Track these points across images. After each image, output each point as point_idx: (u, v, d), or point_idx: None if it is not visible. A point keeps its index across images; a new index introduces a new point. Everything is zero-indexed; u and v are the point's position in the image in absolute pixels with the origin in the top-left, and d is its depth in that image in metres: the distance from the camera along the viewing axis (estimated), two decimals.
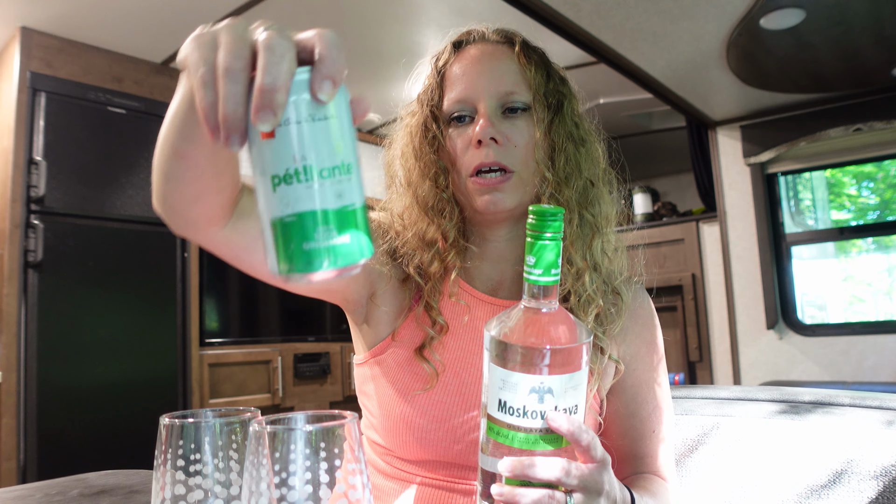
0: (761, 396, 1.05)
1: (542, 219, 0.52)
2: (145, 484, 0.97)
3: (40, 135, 2.56)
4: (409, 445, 0.77)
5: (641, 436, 0.83)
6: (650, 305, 0.91)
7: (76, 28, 2.65)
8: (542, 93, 0.80)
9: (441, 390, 0.77)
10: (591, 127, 0.87)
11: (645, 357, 0.85)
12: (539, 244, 0.53)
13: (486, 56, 0.81)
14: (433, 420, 0.75)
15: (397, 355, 0.80)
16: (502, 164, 0.77)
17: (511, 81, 0.80)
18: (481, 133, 0.77)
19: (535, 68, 0.81)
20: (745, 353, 3.47)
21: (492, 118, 0.78)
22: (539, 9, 2.21)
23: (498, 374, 0.52)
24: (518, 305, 0.55)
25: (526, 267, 0.54)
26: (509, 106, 0.79)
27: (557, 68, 0.86)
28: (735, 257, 3.53)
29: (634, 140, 4.58)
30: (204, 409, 0.53)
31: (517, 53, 0.82)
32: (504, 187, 0.78)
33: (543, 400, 0.51)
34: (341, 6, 2.61)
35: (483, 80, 0.79)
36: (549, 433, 0.52)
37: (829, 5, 2.30)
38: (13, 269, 2.47)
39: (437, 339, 0.79)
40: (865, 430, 0.89)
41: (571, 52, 2.64)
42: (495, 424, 0.53)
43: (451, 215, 0.82)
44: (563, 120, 0.81)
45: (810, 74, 2.96)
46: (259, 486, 0.42)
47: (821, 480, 0.88)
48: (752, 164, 3.47)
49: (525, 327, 0.53)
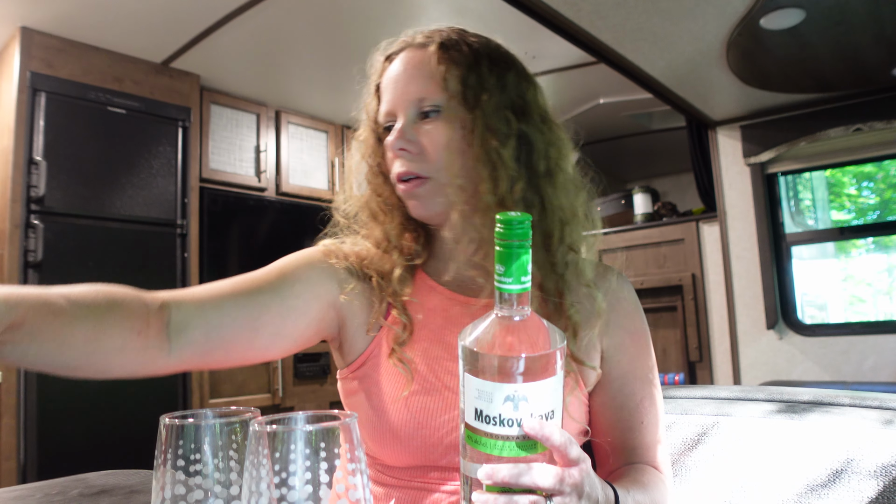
0: (760, 396, 1.05)
1: (508, 227, 0.52)
2: (145, 484, 0.97)
3: (40, 135, 2.56)
4: (396, 452, 0.77)
5: (631, 427, 0.82)
6: (632, 295, 0.88)
7: (76, 28, 2.65)
8: (459, 91, 0.77)
9: (419, 391, 0.77)
10: (540, 116, 0.82)
11: (630, 348, 0.84)
12: (507, 252, 0.52)
13: (405, 64, 0.81)
14: (416, 423, 0.75)
15: (376, 365, 0.81)
16: (414, 172, 0.79)
17: (422, 87, 0.79)
18: (390, 146, 0.80)
19: (452, 66, 0.78)
20: (745, 353, 3.47)
21: (406, 127, 0.79)
22: (539, 9, 2.21)
23: (473, 384, 0.53)
24: (491, 314, 0.55)
25: (496, 276, 0.53)
26: (423, 111, 0.79)
27: (498, 57, 0.82)
28: (735, 257, 3.53)
29: (634, 140, 4.58)
30: (204, 409, 0.53)
31: (431, 55, 0.80)
32: (419, 192, 0.79)
33: (518, 408, 0.51)
34: (341, 6, 2.61)
35: (399, 89, 0.80)
36: (526, 439, 0.52)
37: (829, 5, 2.30)
38: (13, 269, 2.47)
39: (405, 340, 0.80)
40: (864, 429, 0.89)
41: (571, 52, 2.64)
42: (473, 433, 0.53)
43: (392, 218, 0.85)
44: (484, 115, 0.77)
45: (810, 74, 2.96)
46: (259, 486, 0.42)
47: (820, 479, 0.88)
48: (752, 164, 3.47)
49: (498, 336, 0.53)
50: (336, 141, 3.93)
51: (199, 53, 2.94)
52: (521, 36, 2.86)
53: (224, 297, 0.75)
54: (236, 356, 0.76)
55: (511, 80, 0.80)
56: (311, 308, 0.80)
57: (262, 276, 0.80)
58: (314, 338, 0.83)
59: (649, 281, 3.78)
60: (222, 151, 3.33)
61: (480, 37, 0.84)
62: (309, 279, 0.81)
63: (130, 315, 0.68)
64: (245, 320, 0.75)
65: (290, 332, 0.79)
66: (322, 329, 0.83)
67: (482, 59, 0.80)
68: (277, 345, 0.79)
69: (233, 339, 0.74)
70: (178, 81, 3.05)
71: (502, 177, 0.76)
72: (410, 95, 0.79)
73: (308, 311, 0.80)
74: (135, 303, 0.69)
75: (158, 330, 0.69)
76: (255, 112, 3.50)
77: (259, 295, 0.77)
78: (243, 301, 0.76)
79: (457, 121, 0.78)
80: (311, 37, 2.87)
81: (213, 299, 0.75)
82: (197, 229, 3.09)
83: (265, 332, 0.76)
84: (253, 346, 0.76)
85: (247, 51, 2.98)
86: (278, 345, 0.79)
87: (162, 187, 2.94)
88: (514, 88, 0.80)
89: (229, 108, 3.39)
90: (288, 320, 0.78)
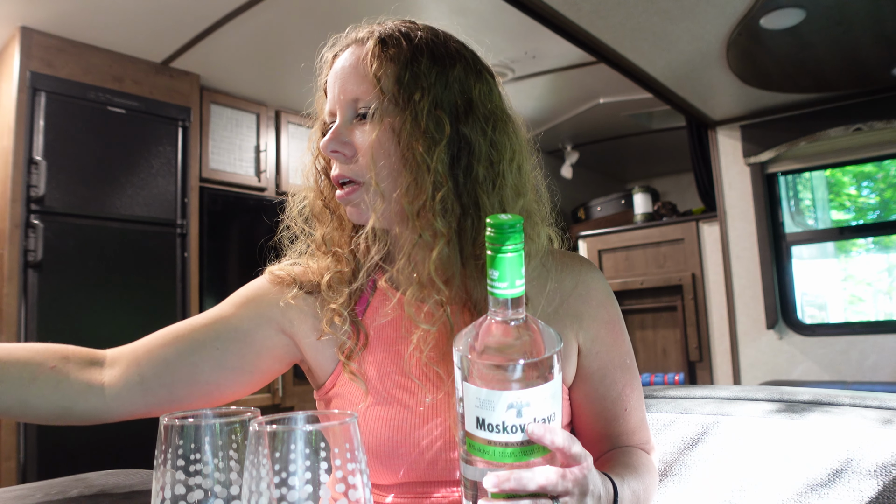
0: (760, 396, 1.05)
1: (500, 231, 0.51)
2: (145, 484, 0.97)
3: (40, 135, 2.56)
4: (379, 472, 0.75)
5: (616, 416, 0.82)
6: (602, 285, 0.84)
7: (76, 28, 2.65)
8: (392, 90, 0.73)
9: (381, 404, 0.75)
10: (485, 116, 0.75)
11: (606, 338, 0.82)
12: (500, 257, 0.51)
13: (345, 61, 0.77)
14: (392, 441, 0.74)
15: (345, 384, 0.80)
16: (348, 176, 0.76)
17: (356, 86, 0.75)
18: (323, 148, 0.77)
19: (387, 63, 0.74)
20: (745, 352, 3.47)
21: (340, 129, 0.76)
22: (539, 9, 2.21)
23: (472, 393, 0.52)
24: (485, 319, 0.54)
25: (490, 281, 0.52)
26: (359, 113, 0.75)
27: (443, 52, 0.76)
28: (735, 257, 3.53)
29: (634, 140, 4.58)
30: (204, 409, 0.53)
31: (367, 52, 0.75)
32: (353, 199, 0.76)
33: (522, 414, 0.51)
34: (341, 6, 2.61)
35: (338, 89, 0.77)
36: (529, 444, 0.52)
37: (829, 5, 2.29)
38: (13, 269, 2.47)
39: (354, 351, 0.78)
40: (864, 428, 0.89)
41: (571, 52, 2.64)
42: (475, 441, 0.52)
43: (331, 221, 0.83)
44: (414, 116, 0.72)
45: (810, 74, 2.96)
46: (259, 486, 0.42)
47: (819, 479, 0.88)
48: (752, 163, 3.47)
49: (496, 342, 0.52)
50: None
51: (199, 53, 2.94)
52: (521, 36, 2.86)
53: (157, 338, 0.79)
54: (184, 393, 0.78)
55: (455, 77, 0.74)
56: (254, 337, 0.80)
57: (200, 317, 0.82)
58: (274, 366, 0.83)
59: (649, 281, 3.78)
60: (222, 151, 3.33)
61: (430, 29, 0.79)
62: (249, 310, 0.81)
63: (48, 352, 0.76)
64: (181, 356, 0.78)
65: (235, 363, 0.79)
66: (280, 356, 0.82)
67: (421, 56, 0.74)
68: (228, 378, 0.79)
69: (172, 376, 0.77)
70: (178, 81, 3.05)
71: (425, 184, 0.71)
72: (346, 95, 0.76)
73: (252, 340, 0.80)
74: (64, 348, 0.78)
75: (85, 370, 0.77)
76: (254, 112, 3.50)
77: (193, 333, 0.79)
78: (177, 342, 0.79)
79: (386, 122, 0.73)
80: (311, 37, 2.85)
81: (146, 343, 0.79)
82: (197, 229, 3.09)
83: (205, 366, 0.78)
84: (197, 382, 0.78)
85: (247, 51, 2.97)
86: (229, 378, 0.79)
87: (162, 187, 2.94)
88: (458, 86, 0.74)
89: (229, 108, 3.38)
90: (228, 353, 0.79)
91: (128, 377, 0.77)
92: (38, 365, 0.74)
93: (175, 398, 0.78)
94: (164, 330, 0.80)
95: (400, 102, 0.73)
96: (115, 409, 0.76)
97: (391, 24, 0.79)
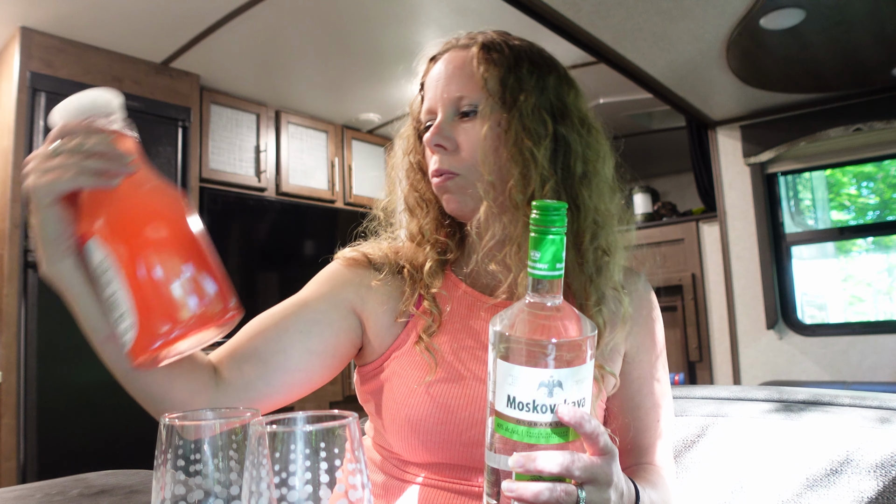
0: (759, 396, 1.05)
1: (545, 213, 0.53)
2: (145, 484, 0.97)
3: (40, 135, 2.56)
4: (413, 445, 0.77)
5: (646, 427, 0.84)
6: (654, 298, 0.91)
7: (76, 28, 2.65)
8: (498, 91, 0.79)
9: (444, 379, 0.78)
10: (579, 119, 0.82)
11: (650, 349, 0.86)
12: (543, 238, 0.53)
13: (448, 64, 0.83)
14: (437, 412, 0.76)
15: (401, 356, 0.82)
16: (446, 170, 0.81)
17: (461, 85, 0.80)
18: (427, 142, 0.82)
19: (491, 67, 0.79)
20: (744, 352, 3.47)
21: (444, 125, 0.81)
22: (539, 9, 2.21)
23: (505, 370, 0.52)
24: (522, 300, 0.55)
25: (530, 262, 0.54)
26: (462, 110, 0.81)
27: (540, 60, 0.83)
28: (735, 257, 3.53)
29: (634, 140, 4.58)
30: (204, 409, 0.53)
31: (473, 55, 0.81)
32: (450, 186, 0.81)
33: (553, 394, 0.51)
34: (341, 6, 2.61)
35: (440, 88, 0.82)
36: (558, 426, 0.52)
37: (829, 5, 2.30)
38: (13, 269, 2.47)
39: (434, 330, 0.81)
40: (862, 427, 0.89)
41: (571, 52, 2.64)
42: (504, 420, 0.52)
43: (427, 213, 0.88)
44: (521, 115, 0.78)
45: (810, 74, 2.96)
46: (259, 486, 0.42)
47: (818, 478, 0.88)
48: (751, 163, 3.47)
49: (530, 322, 0.53)
50: (336, 141, 3.93)
51: (199, 53, 2.94)
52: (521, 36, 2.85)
53: (246, 333, 0.81)
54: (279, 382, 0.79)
55: (551, 83, 0.81)
56: (332, 318, 0.82)
57: (282, 305, 0.84)
58: (351, 349, 0.85)
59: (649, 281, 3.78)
60: (222, 151, 3.33)
61: (524, 41, 0.86)
62: (326, 293, 0.84)
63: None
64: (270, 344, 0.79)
65: (319, 346, 0.81)
66: (353, 337, 0.84)
67: (522, 62, 0.81)
68: (316, 364, 0.81)
69: (266, 366, 0.78)
70: (177, 81, 3.05)
71: (533, 176, 0.76)
72: (450, 94, 0.81)
73: (331, 321, 0.82)
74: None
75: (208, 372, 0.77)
76: (254, 112, 3.50)
77: (278, 321, 0.81)
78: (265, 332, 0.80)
79: (493, 120, 0.78)
80: (311, 37, 2.87)
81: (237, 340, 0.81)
82: None
83: (293, 352, 0.79)
84: (288, 369, 0.79)
85: (247, 51, 2.97)
86: (317, 363, 0.81)
87: None
88: (554, 91, 0.81)
89: (229, 108, 3.39)
90: (312, 336, 0.80)
91: (230, 378, 0.77)
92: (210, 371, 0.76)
93: (273, 389, 0.78)
94: (251, 323, 0.82)
95: (505, 102, 0.78)
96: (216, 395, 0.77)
97: (490, 33, 0.86)
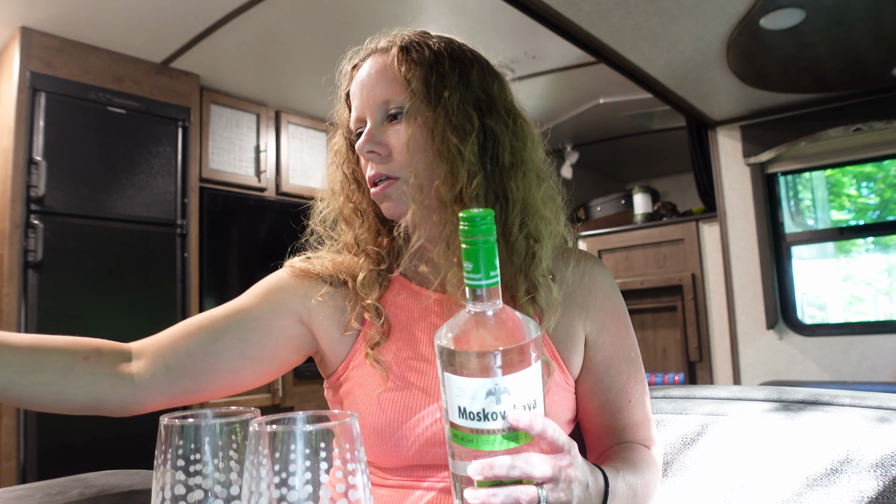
0: (759, 396, 1.05)
1: (472, 224, 0.53)
2: (145, 484, 0.97)
3: (40, 135, 2.56)
4: (379, 452, 0.78)
5: (620, 408, 0.84)
6: (608, 278, 0.89)
7: (76, 28, 2.65)
8: (422, 91, 0.79)
9: (391, 394, 0.79)
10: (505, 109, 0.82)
11: (611, 329, 0.86)
12: (474, 249, 0.53)
13: (370, 70, 0.83)
14: (389, 420, 0.77)
15: (356, 368, 0.83)
16: (384, 174, 0.81)
17: (386, 89, 0.81)
18: (360, 150, 0.82)
19: (413, 67, 0.80)
20: (744, 352, 3.47)
21: (374, 131, 0.81)
22: (539, 9, 2.21)
23: (454, 382, 0.53)
24: (464, 311, 0.56)
25: (465, 273, 0.54)
26: (390, 113, 0.81)
27: (461, 55, 0.82)
28: (735, 257, 3.53)
29: (634, 140, 4.58)
30: (204, 409, 0.53)
31: (393, 57, 0.81)
32: (390, 193, 0.81)
33: (501, 400, 0.52)
34: (341, 6, 2.61)
35: (366, 94, 0.82)
36: (511, 431, 0.53)
37: (829, 5, 2.29)
38: (13, 269, 2.47)
39: (378, 341, 0.82)
40: (861, 427, 0.89)
41: (571, 52, 2.64)
42: (459, 430, 0.53)
43: (362, 223, 0.88)
44: (446, 112, 0.78)
45: (810, 74, 2.96)
46: (259, 486, 0.42)
47: (818, 477, 0.88)
48: (752, 164, 3.47)
49: (473, 332, 0.54)
50: None
51: (198, 53, 2.94)
52: (521, 36, 2.85)
53: (180, 329, 0.82)
54: (207, 382, 0.80)
55: (475, 77, 0.81)
56: (273, 327, 0.83)
57: (221, 308, 0.84)
58: (292, 356, 0.86)
59: (649, 281, 3.78)
60: (222, 151, 3.32)
61: (443, 37, 0.86)
62: (269, 301, 0.84)
63: (79, 344, 0.76)
64: (203, 346, 0.80)
65: (255, 353, 0.82)
66: (297, 346, 0.85)
67: (443, 58, 0.81)
68: (249, 367, 0.82)
69: (195, 366, 0.79)
70: (177, 81, 3.05)
71: (460, 172, 0.76)
72: (376, 99, 0.81)
73: (271, 329, 0.83)
74: (95, 341, 0.78)
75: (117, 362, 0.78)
76: (254, 112, 3.50)
77: (215, 323, 0.82)
78: (199, 332, 0.81)
79: (420, 120, 0.79)
80: (311, 37, 2.87)
81: (170, 334, 0.82)
82: (197, 229, 3.09)
83: (227, 355, 0.80)
84: (219, 371, 0.80)
85: (247, 51, 2.97)
86: (250, 367, 0.82)
87: (162, 187, 2.94)
88: (478, 84, 0.81)
89: (229, 108, 3.38)
90: (249, 342, 0.81)
91: (154, 368, 0.79)
92: (72, 356, 0.75)
93: (199, 387, 0.80)
94: (187, 321, 0.83)
95: (431, 101, 0.78)
96: (142, 400, 0.78)
97: (407, 33, 0.86)
